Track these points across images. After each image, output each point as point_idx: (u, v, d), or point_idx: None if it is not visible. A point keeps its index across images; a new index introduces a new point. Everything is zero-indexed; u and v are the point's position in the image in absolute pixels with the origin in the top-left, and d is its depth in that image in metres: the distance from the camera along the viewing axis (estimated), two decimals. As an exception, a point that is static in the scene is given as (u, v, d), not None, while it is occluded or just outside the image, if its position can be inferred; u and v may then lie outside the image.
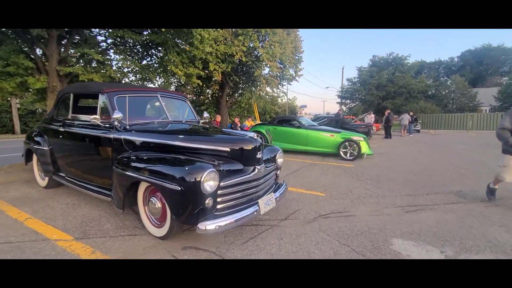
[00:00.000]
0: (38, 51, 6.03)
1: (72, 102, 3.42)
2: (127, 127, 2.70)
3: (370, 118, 16.12)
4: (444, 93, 31.20)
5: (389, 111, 14.58)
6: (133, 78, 7.70)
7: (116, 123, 2.67)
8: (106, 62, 6.36)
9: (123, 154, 2.54)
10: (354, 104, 33.17)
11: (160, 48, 7.16)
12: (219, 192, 2.13)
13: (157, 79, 7.78)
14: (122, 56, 6.75)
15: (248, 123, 10.04)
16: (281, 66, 11.29)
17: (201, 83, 8.43)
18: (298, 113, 18.53)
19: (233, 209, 2.23)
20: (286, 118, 7.98)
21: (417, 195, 3.84)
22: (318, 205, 3.38)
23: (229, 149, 2.43)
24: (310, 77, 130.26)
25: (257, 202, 2.37)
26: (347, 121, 11.88)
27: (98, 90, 2.93)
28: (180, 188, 1.95)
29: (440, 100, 31.14)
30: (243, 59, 8.47)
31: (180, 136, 2.58)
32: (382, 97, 28.51)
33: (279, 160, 3.03)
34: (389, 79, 28.50)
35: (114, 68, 6.73)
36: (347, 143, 6.73)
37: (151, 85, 8.20)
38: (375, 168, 5.75)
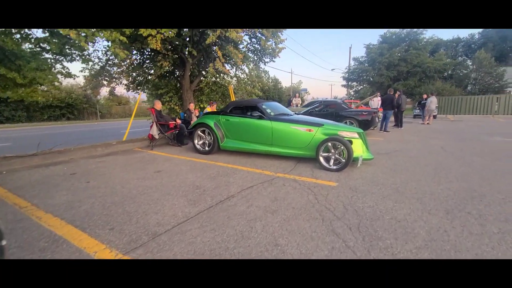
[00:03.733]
0: None
1: None
2: None
3: (377, 101, 13.24)
4: (465, 72, 27.52)
5: (398, 93, 11.72)
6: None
7: None
8: None
9: None
10: (361, 86, 29.91)
11: None
12: None
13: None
14: None
15: (210, 109, 7.55)
16: (259, 34, 8.57)
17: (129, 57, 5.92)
18: (292, 98, 15.73)
19: None
20: (244, 104, 5.48)
21: None
22: None
23: None
24: (316, 59, 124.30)
25: None
26: (345, 107, 9.18)
27: None
28: None
29: (459, 81, 27.55)
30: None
31: None
32: (393, 78, 25.25)
33: None
34: (402, 58, 25.11)
35: None
36: (330, 144, 4.18)
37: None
38: (374, 193, 3.24)
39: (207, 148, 5.46)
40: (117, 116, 32.03)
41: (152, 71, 8.72)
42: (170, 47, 8.13)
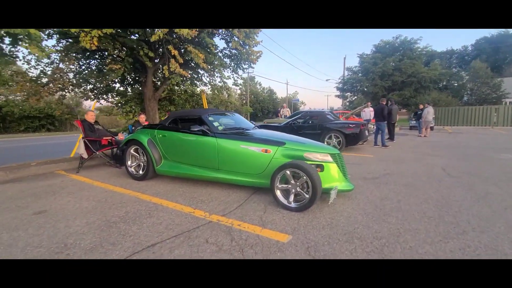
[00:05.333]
0: None
1: None
2: None
3: (369, 112, 12.13)
4: (460, 83, 26.77)
5: (390, 102, 10.49)
6: None
7: None
8: None
9: None
10: (355, 97, 29.04)
11: None
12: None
13: None
14: None
15: (142, 119, 6.11)
16: (236, 38, 7.46)
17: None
18: (280, 109, 14.62)
19: None
20: (188, 115, 4.29)
21: None
22: None
23: None
24: (311, 70, 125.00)
25: None
26: (330, 118, 8.00)
27: None
28: None
29: (456, 91, 26.76)
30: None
31: None
32: (388, 88, 24.39)
33: None
34: (396, 67, 24.33)
35: None
36: (288, 172, 2.94)
37: None
38: (345, 256, 2.00)
39: (141, 172, 4.20)
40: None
41: (109, 77, 7.52)
42: (124, 48, 7.02)
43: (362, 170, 5.05)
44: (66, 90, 7.58)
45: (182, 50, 6.77)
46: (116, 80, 8.46)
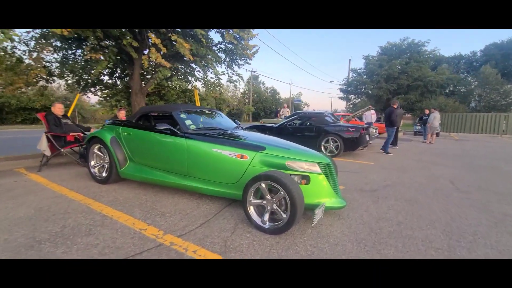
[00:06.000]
0: None
1: None
2: None
3: (371, 115, 11.50)
4: (468, 89, 25.94)
5: (395, 105, 9.79)
6: None
7: None
8: None
9: None
10: (359, 99, 28.33)
11: None
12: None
13: None
14: None
15: (121, 115, 5.57)
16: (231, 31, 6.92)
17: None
18: (280, 109, 14.04)
19: None
20: (158, 110, 3.75)
21: None
22: None
23: None
24: (315, 71, 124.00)
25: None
26: (329, 120, 7.41)
27: None
28: None
29: (463, 97, 25.97)
30: None
31: None
32: (393, 91, 23.67)
33: None
34: (402, 70, 23.59)
35: None
36: (263, 184, 2.38)
37: None
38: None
39: (104, 175, 3.67)
40: (102, 121, 30.38)
41: (95, 69, 7.01)
42: (108, 38, 6.52)
43: (359, 179, 4.49)
44: (43, 81, 7.08)
45: (168, 40, 6.25)
46: (105, 73, 7.95)
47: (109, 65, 6.53)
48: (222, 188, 2.87)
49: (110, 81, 8.73)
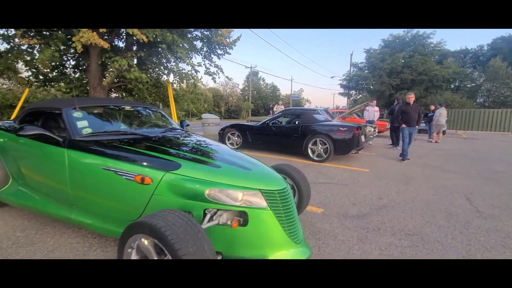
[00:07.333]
0: None
1: None
2: None
3: (374, 112, 10.31)
4: (477, 83, 24.57)
5: (397, 101, 8.92)
6: None
7: None
8: None
9: None
10: (360, 95, 27.08)
11: None
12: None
13: None
14: None
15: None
16: None
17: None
18: (274, 105, 12.96)
19: None
20: (47, 107, 2.70)
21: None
22: None
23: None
24: (317, 67, 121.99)
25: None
26: (317, 118, 6.30)
27: None
28: None
29: (470, 93, 24.61)
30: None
31: None
32: (396, 87, 22.42)
33: None
34: (406, 64, 22.30)
35: None
36: (146, 241, 1.34)
37: None
38: None
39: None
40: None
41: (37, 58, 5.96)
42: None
43: (346, 196, 3.43)
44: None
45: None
46: (56, 64, 6.94)
47: (55, 54, 5.49)
48: (117, 227, 1.83)
49: (73, 75, 7.71)
